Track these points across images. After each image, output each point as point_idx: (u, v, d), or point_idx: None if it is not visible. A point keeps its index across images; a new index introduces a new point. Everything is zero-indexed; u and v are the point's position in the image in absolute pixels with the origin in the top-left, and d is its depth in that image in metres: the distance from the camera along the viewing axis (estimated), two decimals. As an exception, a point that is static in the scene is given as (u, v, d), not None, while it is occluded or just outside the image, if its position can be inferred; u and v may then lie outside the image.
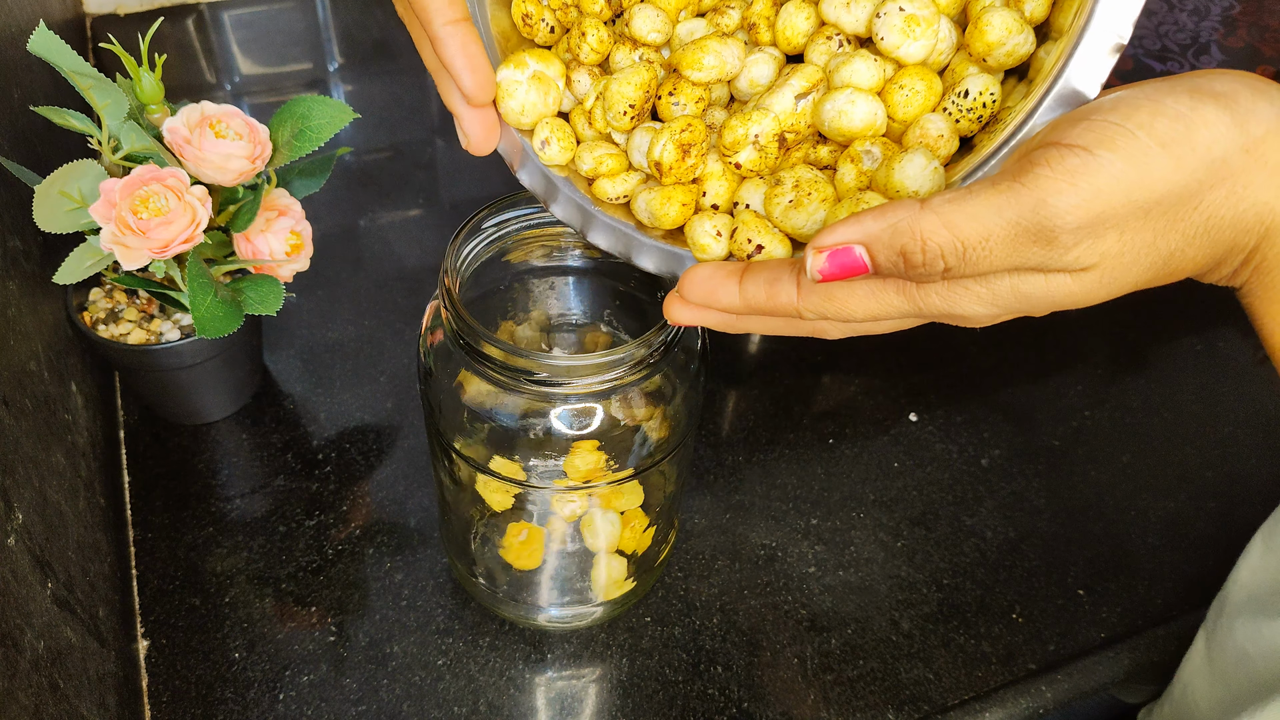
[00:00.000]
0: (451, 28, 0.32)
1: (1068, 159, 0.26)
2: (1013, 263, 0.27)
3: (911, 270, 0.27)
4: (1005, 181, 0.26)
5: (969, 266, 0.27)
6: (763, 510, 0.55)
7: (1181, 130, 0.25)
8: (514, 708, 0.46)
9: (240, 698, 0.46)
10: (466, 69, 0.32)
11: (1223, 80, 0.26)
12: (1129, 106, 0.26)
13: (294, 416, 0.57)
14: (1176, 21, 0.68)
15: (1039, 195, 0.26)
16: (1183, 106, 0.26)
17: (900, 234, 0.27)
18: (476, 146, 0.34)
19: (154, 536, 0.51)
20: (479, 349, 0.37)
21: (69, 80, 0.43)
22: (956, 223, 0.26)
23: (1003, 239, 0.26)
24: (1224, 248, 0.27)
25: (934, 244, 0.27)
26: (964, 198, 0.26)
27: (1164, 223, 0.27)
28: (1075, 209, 0.25)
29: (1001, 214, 0.26)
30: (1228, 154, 0.26)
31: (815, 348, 0.64)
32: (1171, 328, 0.67)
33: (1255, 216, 0.27)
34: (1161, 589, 0.53)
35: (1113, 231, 0.26)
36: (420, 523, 0.53)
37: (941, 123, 0.32)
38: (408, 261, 0.66)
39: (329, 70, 0.81)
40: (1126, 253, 0.27)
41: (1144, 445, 0.61)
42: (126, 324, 0.50)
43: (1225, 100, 0.26)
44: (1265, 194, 0.26)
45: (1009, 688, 0.49)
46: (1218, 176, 0.26)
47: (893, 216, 0.27)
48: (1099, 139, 0.26)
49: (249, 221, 0.46)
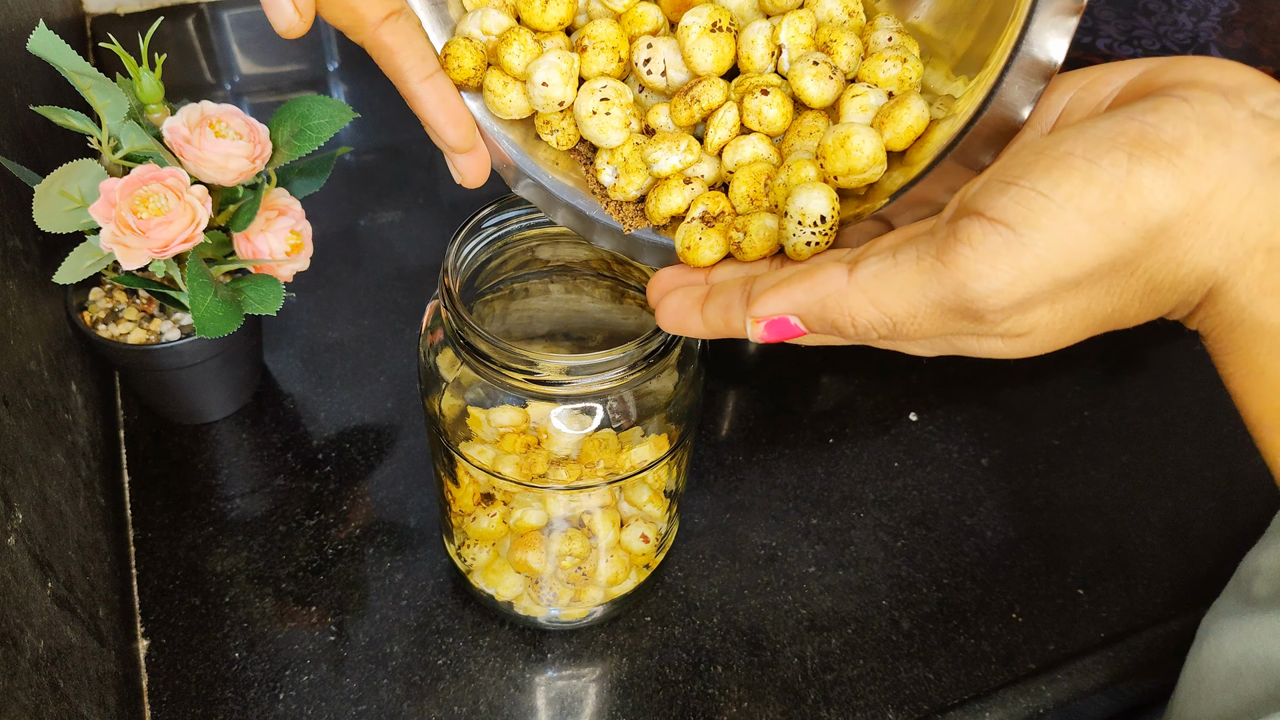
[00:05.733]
0: (426, 85, 0.32)
1: (990, 238, 0.25)
2: (943, 331, 0.27)
3: (845, 338, 0.29)
4: (929, 258, 0.26)
5: (901, 335, 0.27)
6: (763, 510, 0.55)
7: (1112, 202, 0.24)
8: (514, 708, 0.46)
9: (240, 697, 0.46)
10: (448, 124, 0.33)
11: (1176, 121, 0.24)
12: (1062, 170, 0.24)
13: (294, 416, 0.57)
14: (1175, 21, 0.68)
15: (960, 279, 0.25)
16: (1119, 170, 0.24)
17: (829, 310, 0.28)
18: (471, 183, 0.35)
19: (154, 536, 0.51)
20: (479, 349, 0.37)
21: (69, 80, 0.43)
22: (882, 300, 0.27)
23: (929, 315, 0.26)
24: (1169, 305, 0.27)
25: (863, 320, 0.27)
26: (890, 273, 0.27)
27: (1098, 290, 0.26)
28: (997, 294, 0.25)
29: (925, 293, 0.26)
30: (1166, 220, 0.24)
31: (815, 347, 0.64)
32: (1171, 328, 0.67)
33: (1197, 279, 0.25)
34: (1161, 589, 0.53)
35: (1042, 305, 0.26)
36: (420, 523, 0.53)
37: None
38: (408, 261, 0.66)
39: (329, 70, 0.81)
40: (1059, 319, 0.27)
41: (1144, 445, 0.61)
42: (126, 324, 0.50)
43: (1171, 155, 0.24)
44: (1206, 257, 0.25)
45: (1009, 688, 0.49)
46: (1154, 244, 0.25)
47: (821, 289, 0.28)
48: (1023, 215, 0.24)
49: (249, 221, 0.46)
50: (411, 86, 0.32)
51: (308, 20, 0.31)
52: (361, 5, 0.31)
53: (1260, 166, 0.24)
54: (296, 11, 0.30)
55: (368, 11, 0.31)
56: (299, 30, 0.31)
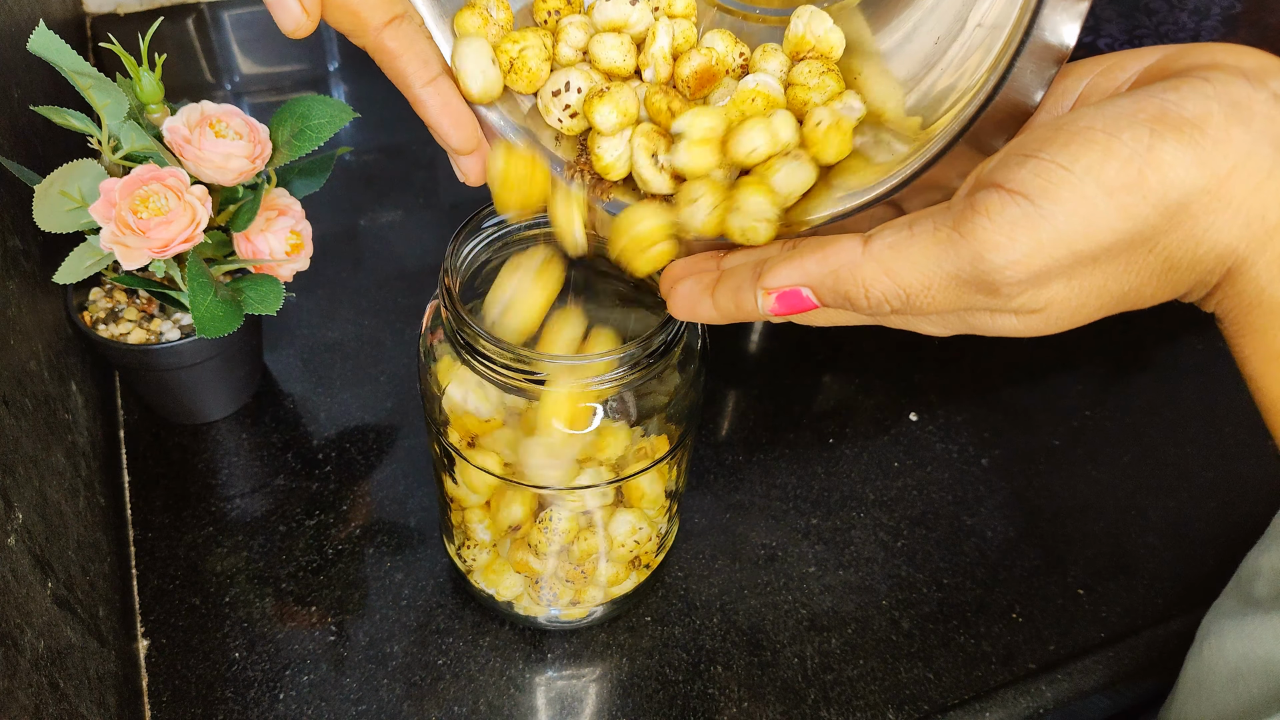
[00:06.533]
0: (429, 89, 0.33)
1: (1009, 209, 0.24)
2: (957, 305, 0.27)
3: (859, 310, 0.28)
4: (946, 229, 0.26)
5: (914, 309, 0.27)
6: (763, 510, 0.55)
7: (1133, 176, 0.24)
8: (514, 708, 0.46)
9: (240, 697, 0.46)
10: (451, 127, 0.33)
11: (1197, 99, 0.24)
12: (1081, 143, 0.24)
13: (294, 416, 0.57)
14: (1176, 21, 0.68)
15: (976, 249, 0.25)
16: (1140, 145, 0.24)
17: (843, 281, 0.27)
18: (474, 181, 0.36)
19: (154, 536, 0.51)
20: (479, 348, 0.37)
21: (69, 80, 0.43)
22: (897, 270, 0.27)
23: (944, 287, 0.26)
24: (1186, 285, 0.26)
25: (877, 291, 0.27)
26: (905, 244, 0.26)
27: (1115, 266, 0.26)
28: (1014, 265, 0.25)
29: (941, 265, 0.26)
30: (1186, 197, 0.24)
31: (816, 347, 0.64)
32: (1171, 328, 0.67)
33: (1216, 258, 0.25)
34: (1161, 589, 0.53)
35: (1058, 280, 0.26)
36: (420, 523, 0.53)
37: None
38: (408, 261, 0.66)
39: (329, 70, 0.81)
40: (1075, 296, 0.26)
41: (1144, 445, 0.61)
42: (126, 324, 0.50)
43: (1191, 132, 0.24)
44: (1226, 235, 0.25)
45: (1009, 687, 0.49)
46: (1174, 221, 0.24)
47: (834, 260, 0.28)
48: (1042, 187, 0.24)
49: (249, 221, 0.46)
50: (415, 91, 0.33)
51: (314, 20, 0.31)
52: (364, 9, 0.31)
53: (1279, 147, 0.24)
54: (304, 11, 0.30)
55: (370, 16, 0.31)
56: (306, 30, 0.31)
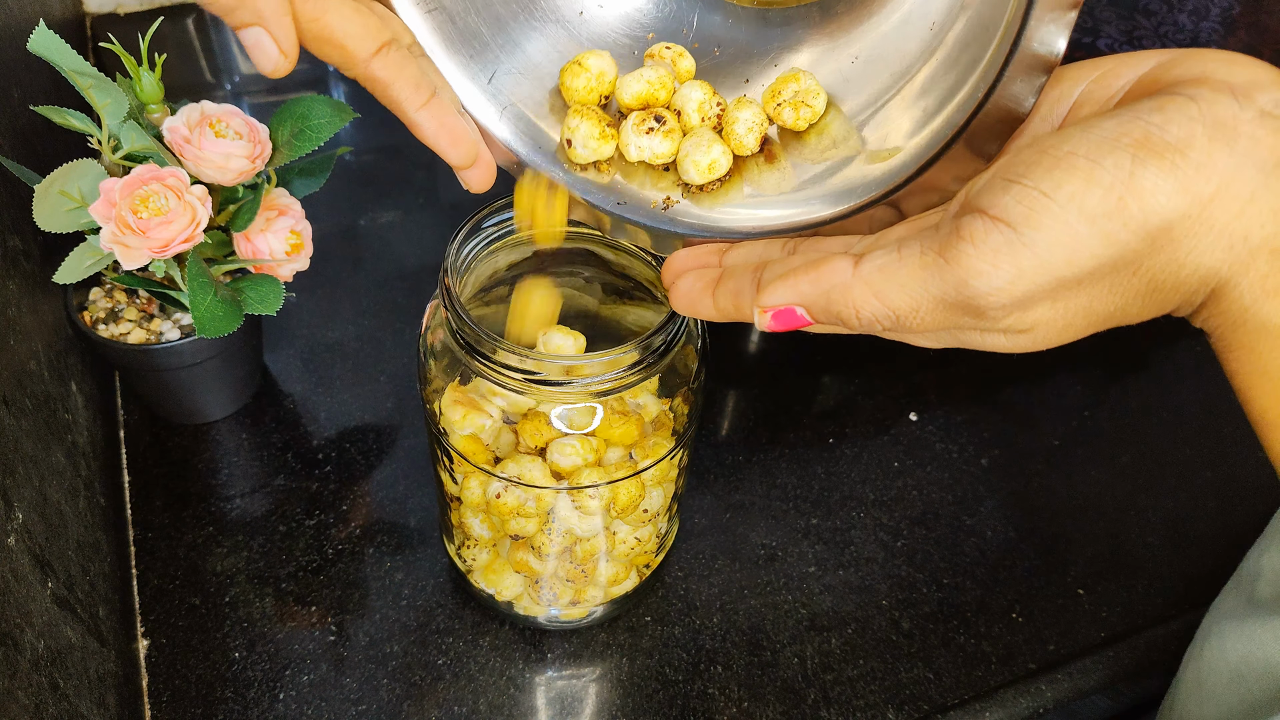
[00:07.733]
0: (424, 112, 0.33)
1: (991, 236, 0.25)
2: (946, 325, 0.28)
3: (851, 329, 0.29)
4: (932, 254, 0.26)
5: (904, 328, 0.28)
6: (763, 510, 0.55)
7: (1114, 203, 0.24)
8: (514, 708, 0.46)
9: (240, 697, 0.46)
10: (449, 146, 0.34)
11: (1182, 121, 0.24)
12: (1064, 170, 0.24)
13: (294, 416, 0.57)
14: (1176, 22, 0.68)
15: (961, 275, 0.26)
16: (1122, 172, 0.24)
17: (834, 302, 0.28)
18: (477, 190, 0.36)
19: (154, 536, 0.51)
20: (479, 348, 0.37)
21: (69, 80, 0.43)
22: (886, 293, 0.27)
23: (932, 309, 0.27)
24: (1172, 304, 0.27)
25: (867, 313, 0.28)
26: (894, 267, 0.27)
27: (1099, 289, 0.26)
28: (998, 291, 0.25)
29: (927, 289, 0.27)
30: (1168, 223, 0.24)
31: (815, 347, 0.64)
32: (1171, 328, 0.67)
33: (1200, 280, 0.26)
34: (1161, 589, 0.53)
35: (1043, 303, 0.26)
36: (420, 523, 0.53)
37: None
38: (408, 261, 0.66)
39: (329, 70, 0.81)
40: (1061, 316, 0.27)
41: (1144, 445, 0.61)
42: (126, 324, 0.50)
43: (1174, 157, 0.24)
44: (1209, 258, 0.25)
45: (1009, 687, 0.49)
46: (1155, 246, 0.25)
47: (826, 282, 0.28)
48: (1025, 215, 0.25)
49: (249, 221, 0.46)
50: (410, 115, 0.33)
51: (293, 60, 0.31)
52: (351, 43, 0.31)
53: (1264, 168, 0.24)
54: (282, 54, 0.30)
55: (358, 48, 0.31)
56: (284, 70, 0.31)
